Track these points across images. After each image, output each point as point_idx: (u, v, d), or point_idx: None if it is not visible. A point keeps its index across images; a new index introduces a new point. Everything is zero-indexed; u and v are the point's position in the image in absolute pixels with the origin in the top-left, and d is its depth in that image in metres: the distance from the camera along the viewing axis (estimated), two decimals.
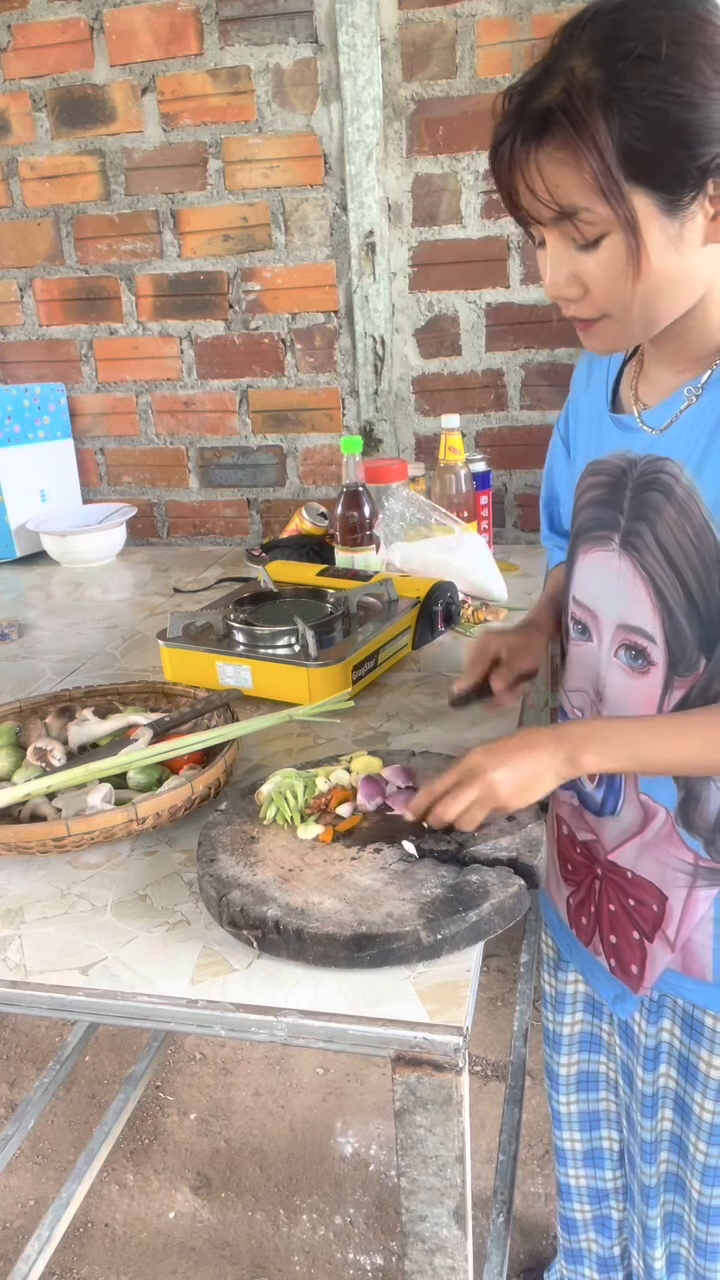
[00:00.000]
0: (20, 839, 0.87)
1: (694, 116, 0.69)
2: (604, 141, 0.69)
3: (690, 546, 0.83)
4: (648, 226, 0.72)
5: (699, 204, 0.72)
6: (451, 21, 1.81)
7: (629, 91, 0.68)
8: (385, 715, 1.20)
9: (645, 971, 0.98)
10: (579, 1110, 1.22)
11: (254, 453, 2.21)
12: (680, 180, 0.71)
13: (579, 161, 0.70)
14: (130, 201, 2.09)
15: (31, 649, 1.56)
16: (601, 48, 0.69)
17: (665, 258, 0.74)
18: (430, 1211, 0.71)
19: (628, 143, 0.69)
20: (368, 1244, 1.66)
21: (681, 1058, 1.02)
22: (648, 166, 0.70)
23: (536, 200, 0.74)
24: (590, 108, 0.69)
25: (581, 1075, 1.20)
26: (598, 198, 0.71)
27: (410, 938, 0.71)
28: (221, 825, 0.88)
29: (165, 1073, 2.06)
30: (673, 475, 0.84)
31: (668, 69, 0.68)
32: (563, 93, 0.70)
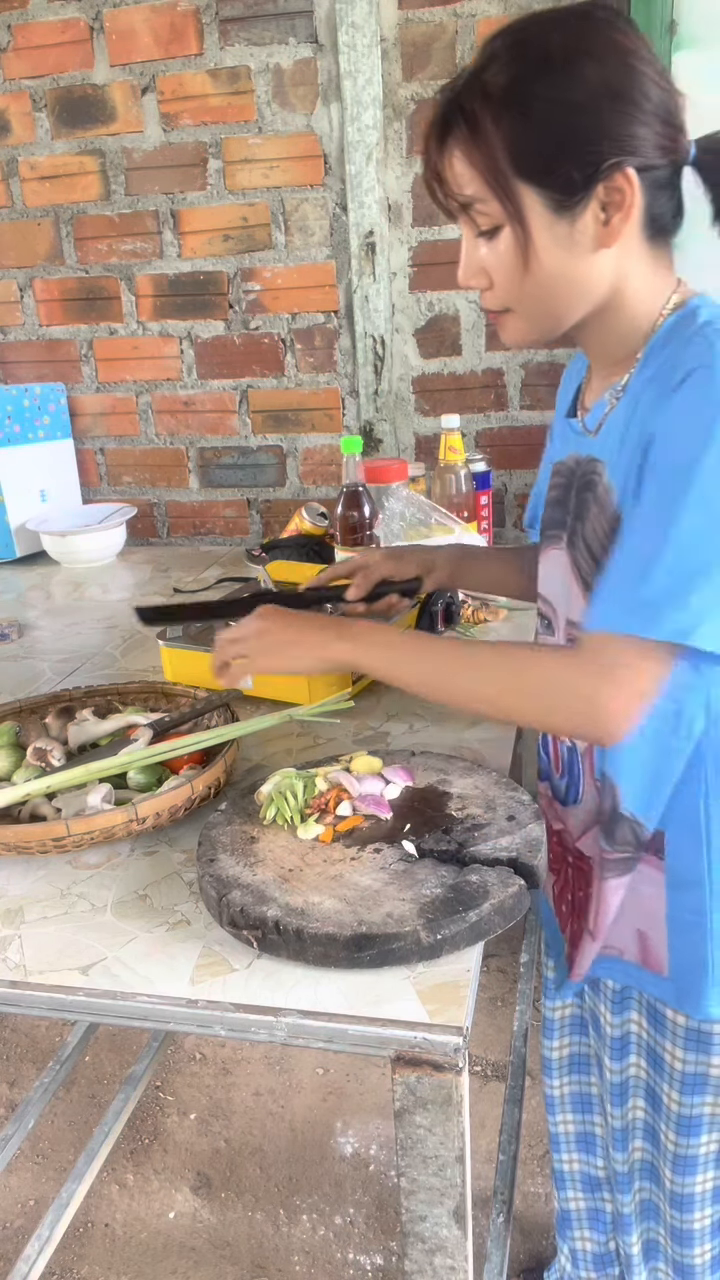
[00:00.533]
0: (20, 839, 0.87)
1: (581, 121, 0.75)
2: (491, 139, 0.75)
3: (609, 543, 0.85)
4: (536, 223, 0.78)
5: (588, 208, 0.77)
6: (451, 21, 1.81)
7: (524, 95, 0.74)
8: (385, 715, 1.20)
9: (577, 958, 1.01)
10: (570, 1092, 1.23)
11: (254, 453, 2.21)
12: (567, 182, 0.76)
13: (473, 156, 0.77)
14: (130, 201, 2.09)
15: (31, 649, 1.56)
16: (506, 54, 0.76)
17: (555, 256, 0.79)
18: (430, 1211, 0.71)
19: (517, 142, 0.75)
20: (368, 1244, 1.66)
21: (650, 1049, 1.04)
22: (536, 166, 0.76)
23: (446, 190, 0.81)
24: (484, 107, 0.75)
25: (573, 1057, 1.22)
26: (488, 190, 0.77)
27: (410, 938, 0.71)
28: (221, 825, 0.88)
29: (165, 1073, 2.06)
30: (598, 475, 0.87)
31: (560, 76, 0.74)
32: (466, 92, 0.77)
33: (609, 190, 0.76)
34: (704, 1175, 1.05)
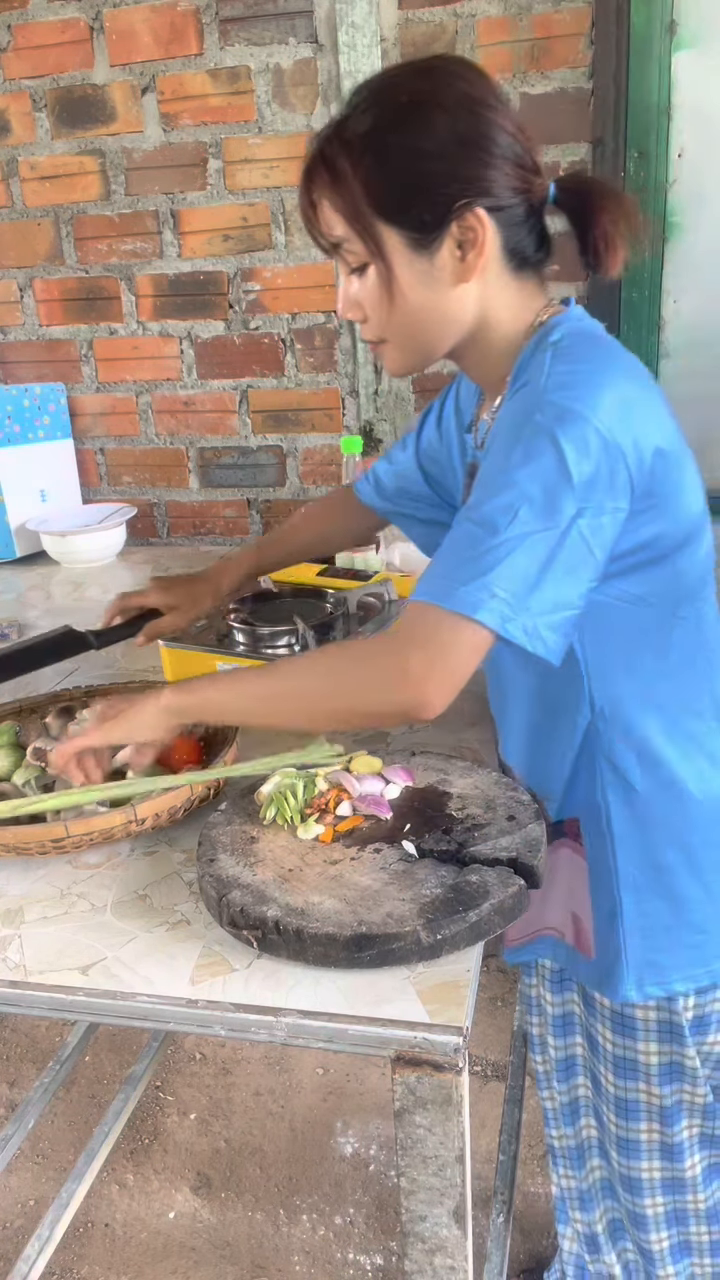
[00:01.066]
0: (20, 840, 0.87)
1: (432, 166, 0.81)
2: (350, 183, 0.82)
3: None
4: (398, 260, 0.84)
5: (445, 245, 0.83)
6: (451, 21, 1.81)
7: (379, 143, 0.81)
8: None
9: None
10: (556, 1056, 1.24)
11: (254, 453, 2.21)
12: (423, 222, 0.82)
13: (336, 199, 0.83)
14: (130, 201, 2.09)
15: None
16: (366, 102, 0.82)
17: (418, 290, 0.85)
18: (430, 1211, 0.71)
19: (374, 186, 0.81)
20: (368, 1244, 1.66)
21: (586, 1030, 1.08)
22: (393, 208, 0.82)
23: (318, 232, 0.87)
24: (344, 154, 0.82)
25: (555, 1019, 1.23)
26: (352, 231, 0.83)
27: (410, 938, 0.71)
28: (221, 825, 0.88)
29: (165, 1073, 2.06)
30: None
31: (412, 125, 0.80)
32: (327, 141, 0.83)
33: (463, 229, 0.82)
34: (649, 1163, 1.08)
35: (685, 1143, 1.05)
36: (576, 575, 0.75)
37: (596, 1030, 1.05)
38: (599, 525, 0.76)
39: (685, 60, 1.73)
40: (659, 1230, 1.10)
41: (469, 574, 0.74)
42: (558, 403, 0.76)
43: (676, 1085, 1.02)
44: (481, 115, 0.81)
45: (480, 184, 0.81)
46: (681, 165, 1.78)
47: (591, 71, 1.76)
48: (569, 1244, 1.32)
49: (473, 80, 0.83)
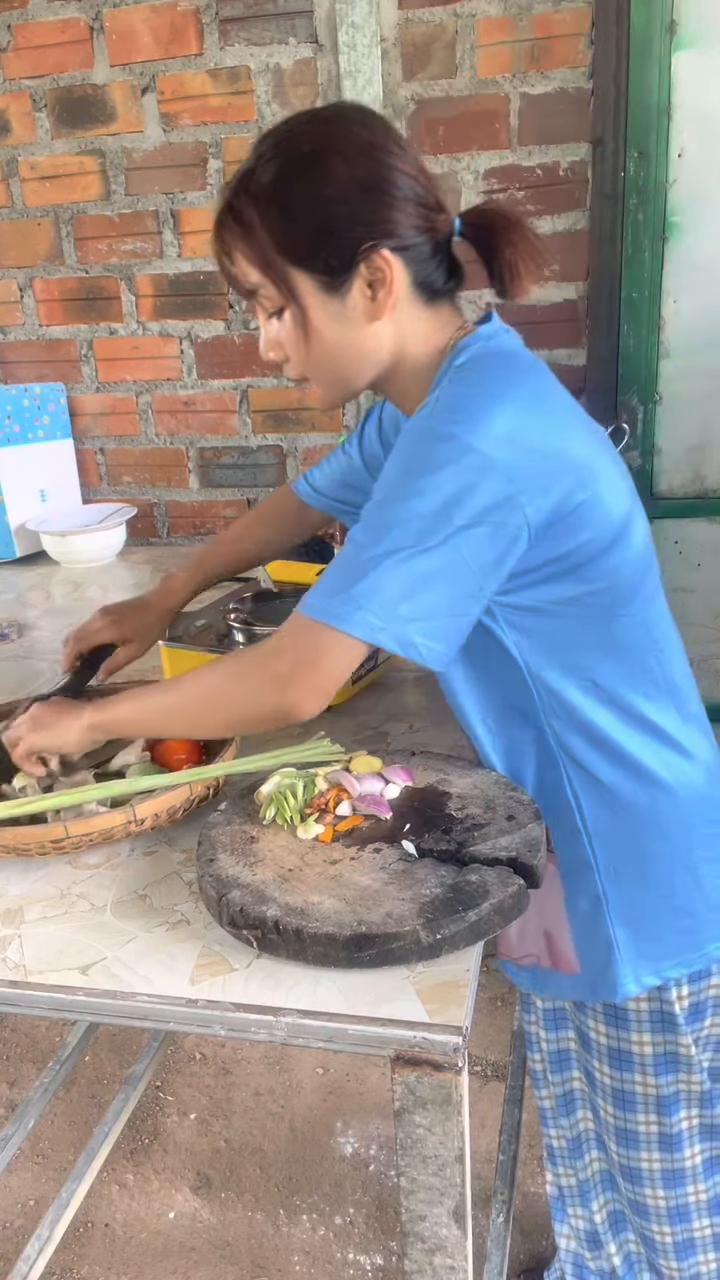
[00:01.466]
0: (19, 841, 0.87)
1: (335, 212, 0.84)
2: (259, 233, 0.85)
3: None
4: (311, 303, 0.87)
5: (355, 286, 0.86)
6: (451, 21, 1.81)
7: (283, 192, 0.84)
8: (385, 715, 1.20)
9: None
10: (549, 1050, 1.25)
11: (254, 453, 2.21)
12: (332, 266, 0.85)
13: (246, 248, 0.87)
14: (130, 201, 2.09)
15: (31, 649, 1.56)
16: (269, 153, 0.85)
17: (332, 330, 0.88)
18: (430, 1211, 0.71)
19: (281, 234, 0.85)
20: (368, 1244, 1.66)
21: (578, 1029, 1.09)
22: (302, 254, 0.85)
23: (235, 280, 0.90)
24: (251, 205, 0.85)
25: (546, 1014, 1.24)
26: (266, 278, 0.87)
27: (410, 937, 0.71)
28: (221, 825, 0.88)
29: (165, 1073, 2.06)
30: None
31: (314, 172, 0.84)
32: (234, 193, 0.86)
33: (371, 270, 0.85)
34: (648, 1154, 1.08)
35: (684, 1133, 1.06)
36: (452, 587, 0.79)
37: (589, 1026, 1.06)
38: (475, 540, 0.78)
39: (685, 60, 1.73)
40: (662, 1224, 1.11)
41: (341, 587, 0.79)
42: (438, 427, 0.79)
43: (672, 1075, 1.03)
44: (380, 160, 0.85)
45: (384, 226, 0.85)
46: (681, 165, 1.78)
47: (591, 71, 1.76)
48: (567, 1242, 1.32)
49: (372, 127, 0.86)
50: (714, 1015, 1.03)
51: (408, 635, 0.78)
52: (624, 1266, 1.23)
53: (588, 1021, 1.06)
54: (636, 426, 1.93)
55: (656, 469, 1.96)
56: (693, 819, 0.95)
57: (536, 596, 0.86)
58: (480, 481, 0.77)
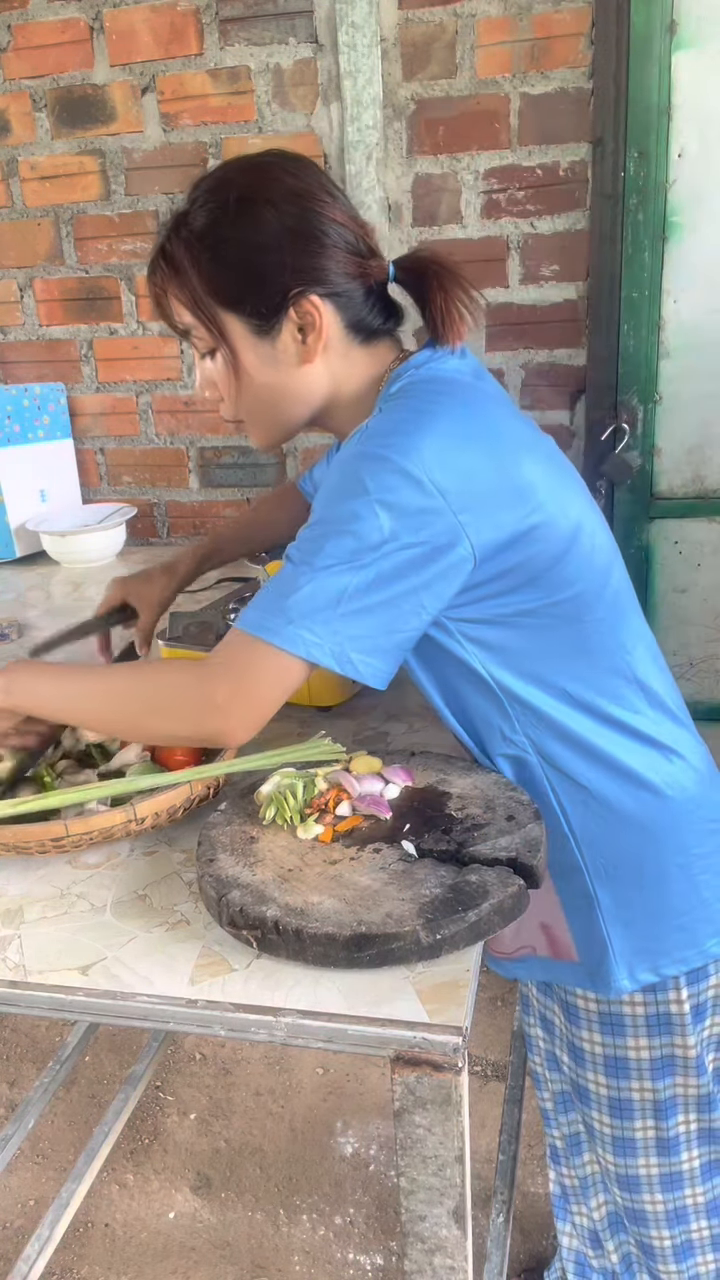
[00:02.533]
0: (19, 839, 0.87)
1: (264, 259, 0.86)
2: (188, 276, 0.87)
3: None
4: (241, 345, 0.89)
5: (285, 330, 0.88)
6: (451, 21, 1.81)
7: (214, 238, 0.86)
8: (385, 715, 1.20)
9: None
10: (545, 1049, 1.26)
11: (254, 452, 2.21)
12: (261, 311, 0.87)
13: (178, 290, 0.89)
14: (130, 201, 2.09)
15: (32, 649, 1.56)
16: (201, 200, 0.88)
17: (263, 373, 0.90)
18: (430, 1211, 0.71)
19: (212, 278, 0.87)
20: (368, 1244, 1.66)
21: (568, 1042, 1.09)
22: (232, 297, 0.87)
23: (169, 319, 0.92)
24: (183, 249, 0.87)
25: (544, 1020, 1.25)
26: (197, 320, 0.89)
27: (410, 938, 0.71)
28: (221, 825, 0.88)
29: (165, 1073, 2.06)
30: None
31: (241, 218, 0.85)
32: (167, 237, 0.89)
33: (300, 314, 0.87)
34: (645, 1159, 1.08)
35: (681, 1137, 1.06)
36: (388, 605, 0.79)
37: (580, 1038, 1.06)
38: (410, 559, 0.79)
39: (685, 60, 1.73)
40: (660, 1228, 1.11)
41: (276, 604, 0.79)
42: (370, 451, 0.81)
43: (670, 1079, 1.03)
44: (309, 208, 0.86)
45: (312, 273, 0.86)
46: (681, 165, 1.78)
47: (591, 71, 1.76)
48: (569, 1240, 1.32)
49: (302, 176, 0.88)
50: (714, 1015, 1.03)
51: (344, 651, 0.78)
52: (621, 1265, 1.23)
53: (580, 1033, 1.05)
54: (636, 426, 1.92)
55: (656, 469, 1.96)
56: (683, 819, 0.95)
57: (489, 610, 0.87)
58: (411, 500, 0.78)
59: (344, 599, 0.78)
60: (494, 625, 0.88)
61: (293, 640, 0.78)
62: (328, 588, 0.78)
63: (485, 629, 0.88)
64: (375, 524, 0.78)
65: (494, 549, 0.82)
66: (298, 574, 0.80)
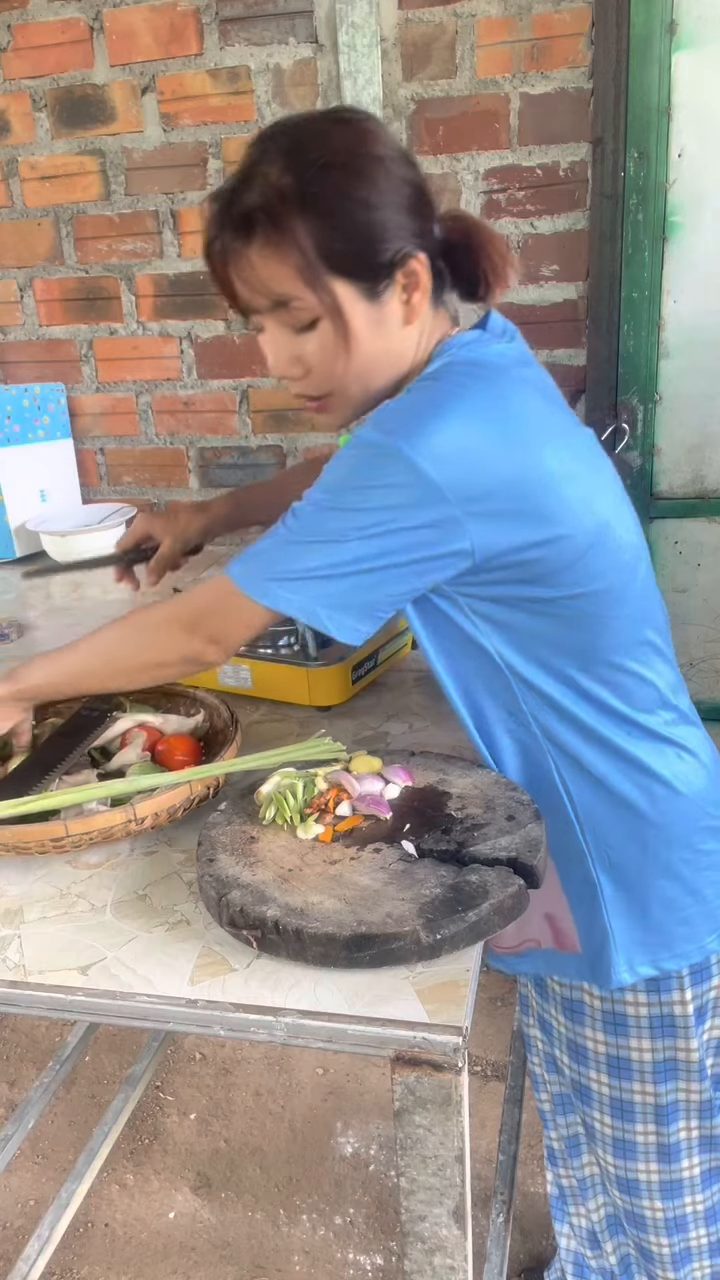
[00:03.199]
0: (19, 839, 0.87)
1: (373, 216, 0.82)
2: (303, 239, 0.81)
3: None
4: (352, 311, 0.84)
5: (392, 291, 0.85)
6: (451, 21, 1.81)
7: (317, 195, 0.81)
8: (385, 715, 1.20)
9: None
10: (544, 1051, 1.25)
11: (254, 453, 2.21)
12: (372, 272, 0.84)
13: (284, 257, 0.82)
14: (130, 201, 2.09)
15: (31, 649, 1.56)
16: (288, 156, 0.81)
17: (371, 339, 0.86)
18: (430, 1211, 0.71)
19: (322, 241, 0.81)
20: (368, 1244, 1.66)
21: (569, 1041, 1.08)
22: (343, 261, 0.82)
23: (253, 291, 0.85)
24: (288, 210, 0.81)
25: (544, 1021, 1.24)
26: (305, 288, 0.83)
27: (410, 938, 0.71)
28: (221, 825, 0.88)
29: (165, 1073, 2.06)
30: None
31: (348, 175, 0.81)
32: (261, 196, 0.81)
33: (406, 274, 0.85)
34: (645, 1164, 1.08)
35: (682, 1143, 1.05)
36: (370, 574, 0.81)
37: (583, 1036, 1.05)
38: (399, 543, 0.80)
39: (685, 60, 1.73)
40: (659, 1235, 1.11)
41: (266, 565, 0.84)
42: (379, 433, 0.80)
43: (672, 1083, 1.03)
44: (409, 164, 0.86)
45: (415, 228, 0.85)
46: (681, 165, 1.78)
47: (591, 71, 1.76)
48: (567, 1241, 1.32)
49: (383, 131, 0.86)
50: (714, 1017, 1.03)
51: (315, 611, 0.82)
52: (620, 1267, 1.23)
53: (584, 1031, 1.05)
54: (636, 426, 1.92)
55: (656, 469, 1.96)
56: (690, 815, 0.95)
57: (498, 592, 0.86)
58: (412, 494, 0.78)
59: (329, 567, 0.81)
60: (503, 606, 0.87)
61: (273, 598, 0.83)
62: (314, 556, 0.81)
63: (494, 607, 0.88)
64: (373, 505, 0.79)
65: (498, 548, 0.81)
66: (290, 539, 0.83)
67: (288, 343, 0.88)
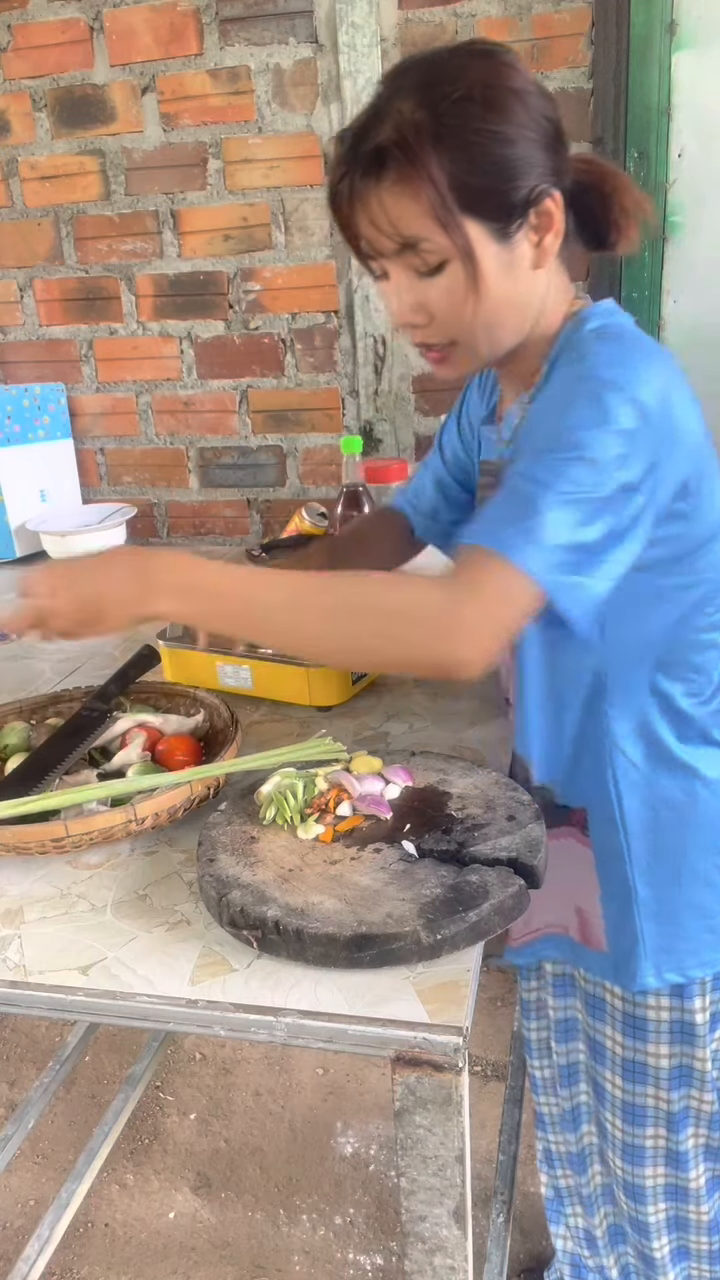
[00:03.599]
0: (19, 839, 0.87)
1: (511, 152, 0.78)
2: (437, 174, 0.76)
3: None
4: (483, 253, 0.79)
5: (524, 232, 0.81)
6: (451, 21, 1.81)
7: (453, 129, 0.76)
8: (385, 715, 1.20)
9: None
10: (551, 1073, 1.24)
11: (254, 453, 2.21)
12: (506, 210, 0.79)
13: (416, 194, 0.77)
14: (130, 201, 2.09)
15: (31, 649, 1.56)
16: (423, 91, 0.77)
17: (501, 282, 0.81)
18: (430, 1211, 0.71)
19: (456, 175, 0.76)
20: (368, 1244, 1.66)
21: (589, 1037, 1.07)
22: (477, 198, 0.78)
23: (379, 233, 0.80)
24: (422, 144, 0.76)
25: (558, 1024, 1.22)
26: (436, 227, 0.78)
27: (410, 938, 0.71)
28: (221, 825, 0.88)
29: (165, 1073, 2.06)
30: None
31: (484, 109, 0.76)
32: (395, 131, 0.76)
33: (539, 214, 0.80)
34: (654, 1169, 1.08)
35: (690, 1151, 1.05)
36: (621, 542, 0.75)
37: (603, 1035, 1.05)
38: (641, 499, 0.75)
39: (685, 60, 1.73)
40: (660, 1237, 1.10)
41: (523, 527, 0.72)
42: (609, 378, 0.76)
43: (685, 1090, 1.02)
44: (547, 98, 0.81)
45: (551, 166, 0.80)
46: (681, 165, 1.78)
47: (591, 71, 1.76)
48: (564, 1243, 1.32)
49: (519, 64, 0.80)
50: None
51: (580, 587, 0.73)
52: (620, 1276, 1.23)
53: (604, 1029, 1.04)
54: None
55: None
56: None
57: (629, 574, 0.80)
58: (648, 438, 0.75)
59: (586, 532, 0.73)
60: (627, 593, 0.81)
61: (531, 559, 0.72)
62: (567, 517, 0.72)
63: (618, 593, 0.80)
64: (612, 453, 0.73)
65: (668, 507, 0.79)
66: (538, 496, 0.73)
67: (412, 288, 0.83)
